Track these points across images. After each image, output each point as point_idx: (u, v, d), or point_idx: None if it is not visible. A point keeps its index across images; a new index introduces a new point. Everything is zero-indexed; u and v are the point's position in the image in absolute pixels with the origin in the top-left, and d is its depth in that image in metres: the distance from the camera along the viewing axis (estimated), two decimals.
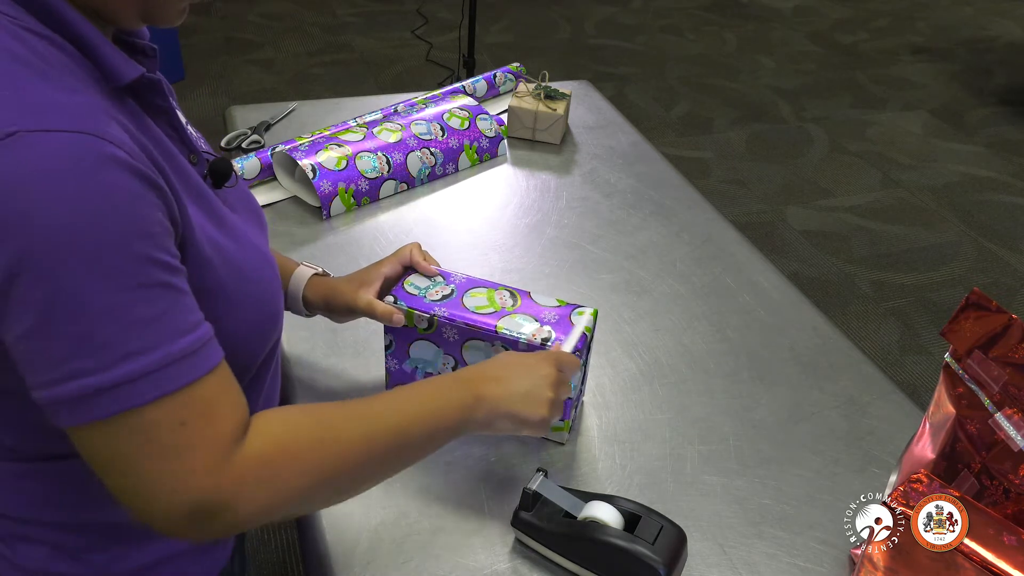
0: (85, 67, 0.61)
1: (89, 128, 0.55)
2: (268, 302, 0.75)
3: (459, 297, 0.94)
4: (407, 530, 0.87)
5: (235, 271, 0.69)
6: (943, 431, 0.85)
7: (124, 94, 0.64)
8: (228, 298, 0.68)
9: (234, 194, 0.78)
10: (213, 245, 0.67)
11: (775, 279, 1.29)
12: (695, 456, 0.98)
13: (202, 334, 0.60)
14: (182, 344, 0.58)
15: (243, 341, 0.71)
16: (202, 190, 0.70)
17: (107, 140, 0.55)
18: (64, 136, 0.54)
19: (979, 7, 5.26)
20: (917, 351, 2.50)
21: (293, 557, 1.80)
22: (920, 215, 3.13)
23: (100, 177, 0.54)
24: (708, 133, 3.58)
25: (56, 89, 0.56)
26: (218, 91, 3.55)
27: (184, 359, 0.58)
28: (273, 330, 0.77)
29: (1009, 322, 0.80)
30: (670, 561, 0.78)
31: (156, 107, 0.68)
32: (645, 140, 1.68)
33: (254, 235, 0.77)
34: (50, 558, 0.72)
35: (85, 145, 0.54)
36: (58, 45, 0.59)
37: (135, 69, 0.63)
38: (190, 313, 0.60)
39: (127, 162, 0.56)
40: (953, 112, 3.92)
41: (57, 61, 0.59)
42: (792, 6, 5.03)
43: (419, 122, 1.48)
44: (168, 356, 0.57)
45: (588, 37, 4.39)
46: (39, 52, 0.58)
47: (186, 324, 0.59)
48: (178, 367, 0.57)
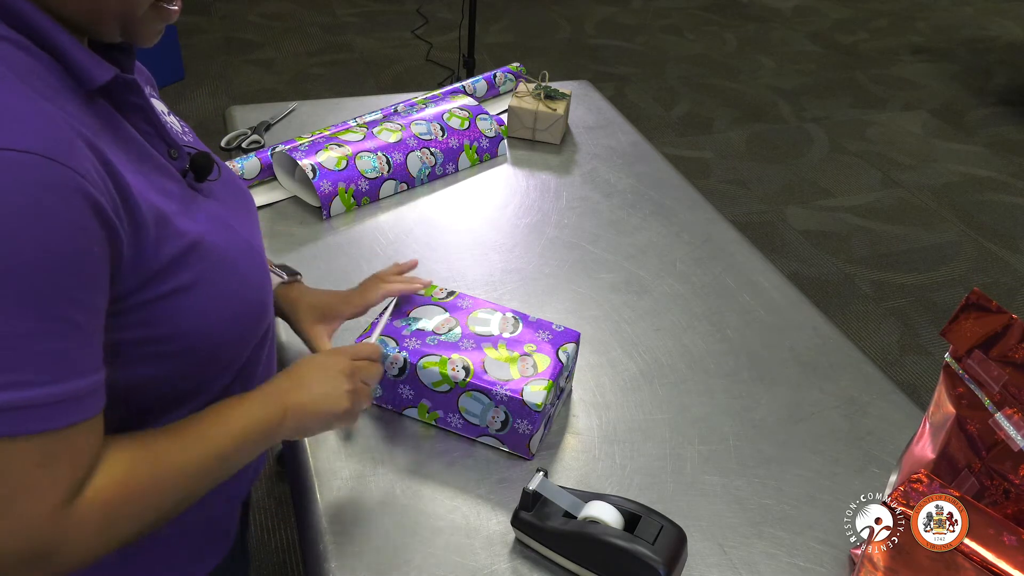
0: (55, 72, 0.60)
1: (45, 149, 0.53)
2: (252, 291, 0.74)
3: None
4: (407, 530, 0.87)
5: (218, 264, 0.69)
6: (943, 431, 0.85)
7: (96, 96, 0.63)
8: (208, 290, 0.67)
9: (219, 185, 0.78)
10: (189, 242, 0.66)
11: (775, 279, 1.29)
12: (695, 456, 0.98)
13: (95, 381, 0.59)
14: (71, 387, 0.56)
15: (227, 332, 0.71)
16: (176, 188, 0.68)
17: (64, 164, 0.54)
18: (18, 156, 0.52)
19: (979, 7, 5.26)
20: (917, 351, 2.50)
21: (293, 557, 1.80)
22: (920, 215, 3.13)
23: (48, 203, 0.53)
24: (708, 133, 3.58)
25: (19, 96, 0.55)
26: (218, 91, 3.55)
27: (66, 402, 0.56)
28: (259, 319, 0.76)
29: (1009, 322, 0.80)
30: (670, 561, 0.78)
31: (131, 105, 0.67)
32: (645, 140, 1.68)
33: (240, 224, 0.76)
34: None
35: (39, 168, 0.53)
36: (26, 49, 0.58)
37: (107, 71, 0.62)
38: (91, 358, 0.58)
39: (83, 190, 0.55)
40: (953, 112, 3.92)
41: (25, 66, 0.58)
42: (792, 6, 5.03)
43: (419, 122, 1.48)
44: (50, 396, 0.55)
45: (588, 37, 4.39)
46: (3, 56, 0.57)
47: (83, 367, 0.57)
48: (58, 408, 0.56)
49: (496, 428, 0.94)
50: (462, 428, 0.97)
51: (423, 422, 0.99)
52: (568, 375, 1.01)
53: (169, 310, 0.64)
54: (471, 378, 0.93)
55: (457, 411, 0.95)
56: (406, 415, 0.99)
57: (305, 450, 0.96)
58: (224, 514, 0.84)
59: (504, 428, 0.94)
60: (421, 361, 0.94)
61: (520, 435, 0.94)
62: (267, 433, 0.73)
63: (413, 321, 0.99)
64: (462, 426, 0.96)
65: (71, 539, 0.58)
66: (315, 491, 0.91)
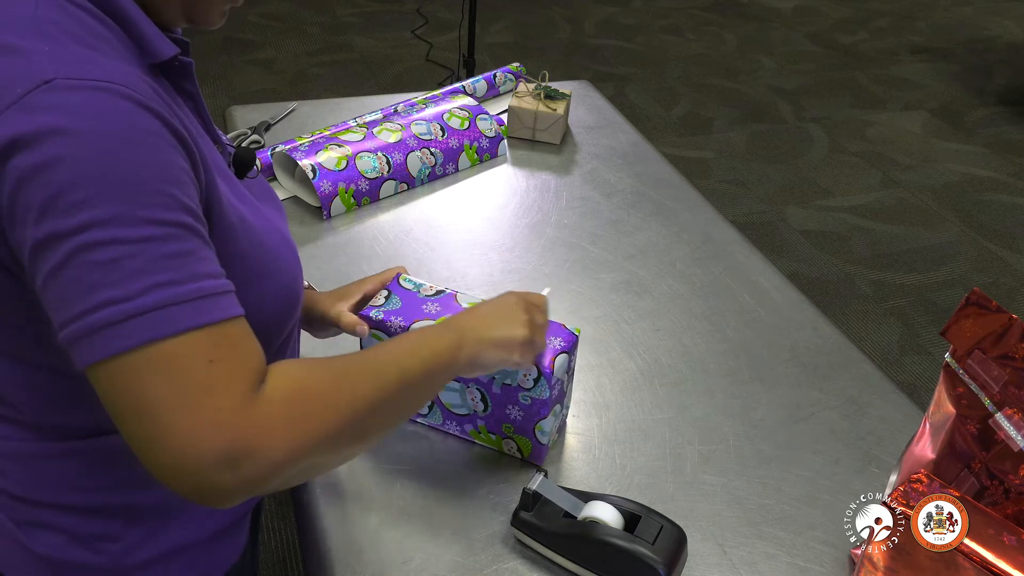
0: (124, 42, 0.63)
1: (124, 83, 0.57)
2: (289, 279, 0.76)
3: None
4: (407, 530, 0.87)
5: (257, 245, 0.71)
6: (943, 431, 0.85)
7: (158, 73, 0.66)
8: (250, 269, 0.69)
9: (256, 185, 0.81)
10: (238, 215, 0.68)
11: (775, 279, 1.29)
12: (695, 456, 0.98)
13: (227, 283, 0.60)
14: (211, 284, 0.58)
15: (263, 316, 0.71)
16: (226, 170, 0.72)
17: (140, 95, 0.58)
18: (99, 84, 0.56)
19: (979, 7, 5.26)
20: (917, 351, 2.50)
21: (294, 556, 1.80)
22: (920, 215, 3.13)
23: (133, 120, 0.57)
24: (708, 133, 3.58)
25: (94, 52, 0.59)
26: (218, 91, 3.55)
27: (214, 296, 0.58)
28: (293, 308, 0.78)
29: (1009, 322, 0.80)
30: (670, 561, 0.78)
31: (186, 92, 0.70)
32: (645, 140, 1.68)
33: (276, 220, 0.79)
34: (64, 546, 0.72)
35: (120, 94, 0.57)
36: (99, 18, 0.62)
37: (171, 48, 0.66)
38: (215, 263, 0.60)
39: (160, 113, 0.58)
40: (953, 112, 3.92)
41: (98, 32, 0.61)
42: (792, 6, 5.03)
43: (419, 122, 1.48)
44: (199, 290, 0.57)
45: (588, 37, 4.38)
46: (82, 22, 0.61)
47: (213, 270, 0.59)
48: (209, 302, 0.57)
49: (481, 410, 0.94)
50: (456, 425, 0.97)
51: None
52: (567, 390, 0.97)
53: None
54: None
55: (443, 407, 0.95)
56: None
57: None
58: (237, 519, 0.83)
59: (487, 407, 0.93)
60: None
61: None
62: (445, 360, 0.74)
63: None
64: (456, 423, 0.96)
65: (261, 435, 0.57)
66: (315, 491, 0.91)
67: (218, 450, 0.55)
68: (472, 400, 0.93)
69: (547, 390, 0.88)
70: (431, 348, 0.73)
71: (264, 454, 0.56)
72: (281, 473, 0.58)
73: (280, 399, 0.59)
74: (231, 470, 0.55)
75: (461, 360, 0.75)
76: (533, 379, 0.88)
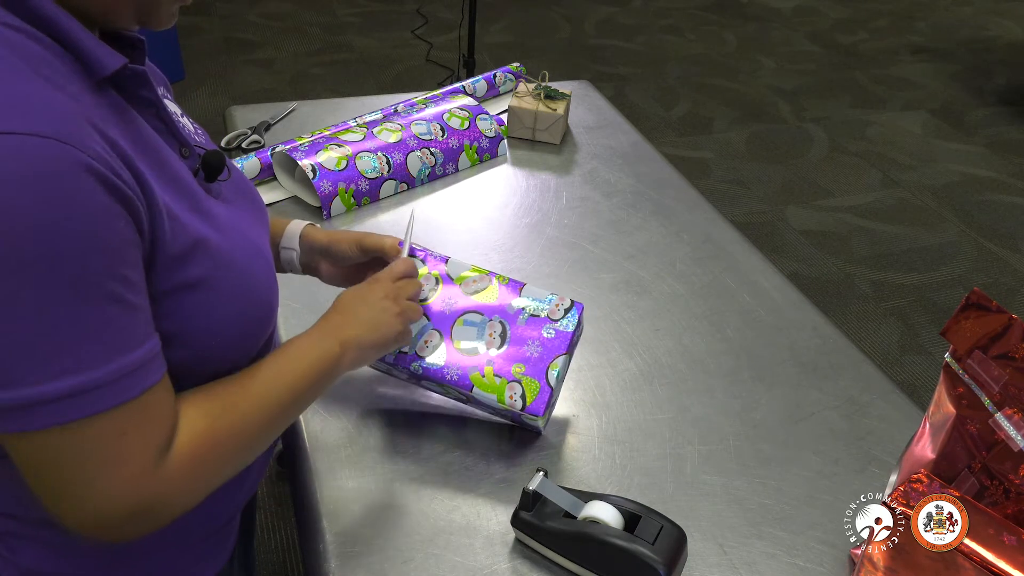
0: (65, 61, 0.60)
1: (57, 133, 0.53)
2: (258, 294, 0.74)
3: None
4: (407, 530, 0.87)
5: (225, 267, 0.68)
6: (943, 431, 0.85)
7: (107, 87, 0.63)
8: (214, 291, 0.67)
9: (230, 187, 0.78)
10: (195, 239, 0.66)
11: (775, 279, 1.29)
12: (695, 456, 0.98)
13: (152, 347, 0.60)
14: (132, 358, 0.58)
15: (231, 334, 0.70)
16: (186, 184, 0.68)
17: (76, 147, 0.53)
18: (32, 140, 0.52)
19: (979, 7, 5.26)
20: (917, 351, 2.50)
21: (293, 557, 1.80)
22: (920, 215, 3.13)
23: (65, 186, 0.53)
24: (708, 133, 3.58)
25: (31, 86, 0.55)
26: (218, 91, 3.55)
27: (132, 373, 0.58)
28: (264, 324, 0.76)
29: (1009, 322, 0.80)
30: (670, 561, 0.78)
31: (142, 99, 0.67)
32: (645, 140, 1.68)
33: (248, 227, 0.76)
34: (44, 557, 0.72)
35: (52, 152, 0.52)
36: (37, 39, 0.58)
37: (117, 59, 0.62)
38: (142, 326, 0.59)
39: (96, 171, 0.54)
40: (953, 112, 3.92)
41: (38, 56, 0.57)
42: (792, 6, 5.03)
43: (419, 122, 1.48)
44: (118, 371, 0.57)
45: (588, 37, 4.39)
46: (15, 46, 0.57)
47: (137, 338, 0.59)
48: (127, 381, 0.58)
49: (497, 345, 0.93)
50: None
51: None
52: (564, 369, 0.97)
53: (174, 307, 0.64)
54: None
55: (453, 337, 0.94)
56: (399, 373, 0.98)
57: (305, 450, 0.96)
58: (224, 523, 0.83)
59: (504, 343, 0.93)
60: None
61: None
62: (330, 369, 0.77)
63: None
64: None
65: (170, 492, 0.61)
66: (315, 491, 0.91)
67: (129, 507, 0.59)
68: (491, 335, 0.94)
69: (574, 322, 0.93)
70: (317, 366, 0.76)
71: (171, 506, 0.62)
72: (187, 510, 0.65)
73: (187, 455, 0.63)
74: (141, 522, 0.61)
75: (343, 367, 0.79)
76: (565, 308, 0.93)
